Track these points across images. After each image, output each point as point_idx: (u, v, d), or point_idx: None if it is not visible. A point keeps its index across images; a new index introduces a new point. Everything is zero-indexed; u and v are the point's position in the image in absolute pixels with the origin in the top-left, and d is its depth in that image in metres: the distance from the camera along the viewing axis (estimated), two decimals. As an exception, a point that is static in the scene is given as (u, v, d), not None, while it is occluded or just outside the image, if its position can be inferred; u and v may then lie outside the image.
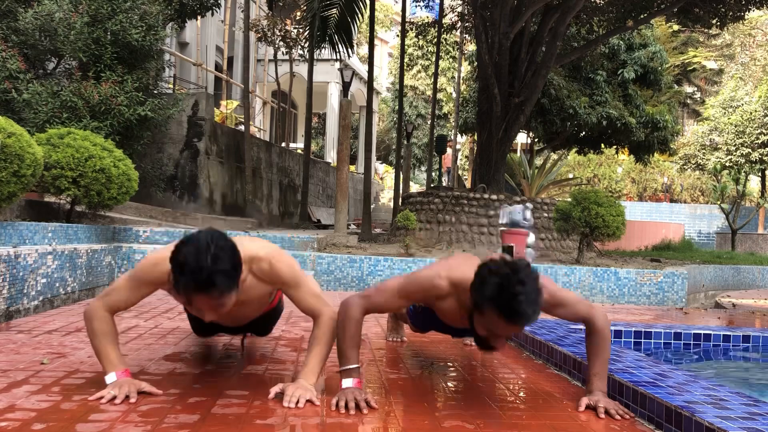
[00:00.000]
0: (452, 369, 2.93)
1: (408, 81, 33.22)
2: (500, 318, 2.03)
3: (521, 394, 2.55)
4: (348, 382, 2.26)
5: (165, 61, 10.21)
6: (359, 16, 14.18)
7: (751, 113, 23.57)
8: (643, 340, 3.67)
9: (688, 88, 35.52)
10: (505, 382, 2.73)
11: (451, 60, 32.20)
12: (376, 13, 22.90)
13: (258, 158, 13.93)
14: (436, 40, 17.06)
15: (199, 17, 12.72)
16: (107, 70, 7.85)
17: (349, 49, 14.70)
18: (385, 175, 32.55)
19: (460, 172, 29.06)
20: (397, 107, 24.29)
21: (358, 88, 23.23)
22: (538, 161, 19.39)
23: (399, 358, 3.11)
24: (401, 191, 14.52)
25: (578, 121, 15.62)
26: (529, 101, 11.08)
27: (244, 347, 3.21)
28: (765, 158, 23.16)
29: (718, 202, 17.00)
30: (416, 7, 31.66)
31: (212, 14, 12.37)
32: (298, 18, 17.04)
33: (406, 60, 27.11)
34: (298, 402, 2.18)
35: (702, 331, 3.70)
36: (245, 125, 12.92)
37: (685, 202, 30.02)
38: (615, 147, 18.48)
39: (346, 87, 12.72)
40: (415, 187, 28.60)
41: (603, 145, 18.14)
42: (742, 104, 24.78)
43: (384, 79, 41.30)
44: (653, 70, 16.81)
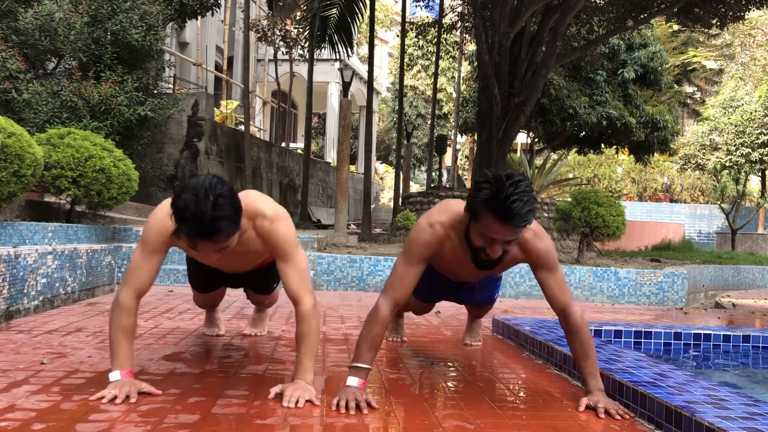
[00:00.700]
0: (452, 369, 2.93)
1: (408, 81, 33.23)
2: (495, 219, 2.07)
3: (521, 394, 2.55)
4: (353, 381, 2.25)
5: (165, 61, 10.21)
6: (359, 16, 14.18)
7: (751, 113, 23.56)
8: (643, 340, 3.67)
9: (688, 88, 35.53)
10: (505, 382, 2.73)
11: (451, 60, 32.20)
12: (376, 13, 22.90)
13: (258, 158, 13.93)
14: (436, 40, 17.07)
15: (199, 17, 12.72)
16: (107, 70, 7.85)
17: (349, 49, 14.70)
18: (385, 175, 32.55)
19: (460, 172, 29.06)
20: (397, 107, 24.29)
21: (358, 88, 23.23)
22: (538, 161, 19.40)
23: (399, 358, 3.11)
24: (401, 191, 14.52)
25: (578, 121, 15.62)
26: (529, 101, 11.08)
27: (247, 296, 3.31)
28: (765, 158, 23.16)
29: (718, 202, 17.00)
30: (416, 7, 31.68)
31: (212, 14, 12.37)
32: (298, 18, 17.04)
33: (406, 60, 27.11)
34: (297, 402, 2.18)
35: (702, 331, 3.70)
36: (245, 125, 12.93)
37: (685, 202, 30.02)
38: (615, 147, 18.47)
39: (346, 87, 12.72)
40: (415, 187, 28.60)
41: (603, 145, 18.14)
42: (742, 104, 24.77)
43: (384, 79, 41.30)
44: (653, 70, 16.81)
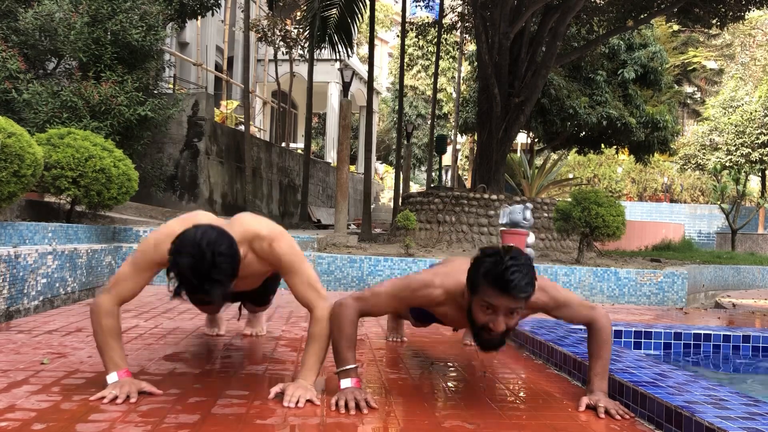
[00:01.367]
0: (452, 369, 2.93)
1: (408, 81, 33.23)
2: (495, 290, 2.06)
3: (521, 394, 2.55)
4: (347, 383, 2.26)
5: (165, 61, 10.22)
6: (359, 16, 14.17)
7: (751, 113, 23.56)
8: (643, 340, 3.67)
9: (688, 88, 35.53)
10: (505, 382, 2.73)
11: (451, 60, 32.20)
12: (376, 13, 22.90)
13: (258, 158, 13.93)
14: (436, 40, 17.06)
15: (199, 17, 12.71)
16: (107, 70, 7.85)
17: (349, 49, 14.70)
18: (385, 175, 32.55)
19: (460, 172, 29.06)
20: (397, 107, 24.29)
21: (358, 88, 23.23)
22: (538, 161, 19.40)
23: (399, 358, 3.11)
24: (401, 191, 14.52)
25: (578, 121, 15.62)
26: (529, 101, 11.08)
27: (240, 313, 3.29)
28: (765, 158, 23.15)
29: (718, 202, 16.99)
30: (416, 7, 31.65)
31: (212, 14, 12.37)
32: (298, 18, 17.04)
33: (406, 60, 27.10)
34: (298, 402, 2.18)
35: (702, 332, 3.70)
36: (245, 125, 12.92)
37: (685, 202, 30.02)
38: (615, 147, 18.48)
39: (346, 87, 12.72)
40: (415, 187, 28.60)
41: (603, 145, 18.14)
42: (742, 104, 24.77)
43: (384, 79, 41.30)
44: (653, 70, 16.81)
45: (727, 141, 24.10)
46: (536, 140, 19.22)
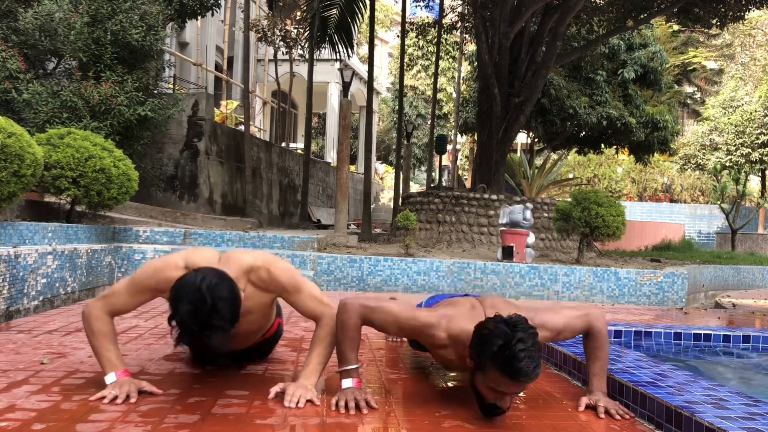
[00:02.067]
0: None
1: (408, 81, 33.22)
2: (504, 377, 2.02)
3: (521, 394, 2.54)
4: (348, 383, 2.26)
5: (165, 61, 10.21)
6: (359, 16, 14.16)
7: (751, 113, 23.56)
8: (643, 340, 3.67)
9: (688, 88, 35.53)
10: (505, 382, 2.72)
11: (451, 60, 32.20)
12: (376, 13, 22.91)
13: (258, 158, 13.93)
14: (436, 40, 17.05)
15: (199, 17, 12.71)
16: (107, 70, 7.85)
17: (349, 49, 14.69)
18: (385, 175, 32.55)
19: (460, 172, 29.06)
20: (397, 107, 24.29)
21: (358, 88, 23.23)
22: (538, 161, 19.40)
23: (399, 358, 3.11)
24: (401, 191, 14.52)
25: (578, 121, 15.62)
26: (529, 101, 11.08)
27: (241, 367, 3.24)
28: (765, 158, 23.15)
29: (718, 202, 16.99)
30: (416, 7, 31.67)
31: (212, 14, 12.36)
32: (298, 18, 17.04)
33: (406, 60, 27.10)
34: (298, 402, 2.18)
35: (702, 331, 3.70)
36: (245, 125, 12.92)
37: (685, 202, 30.02)
38: (615, 147, 18.48)
39: (346, 87, 12.71)
40: (415, 187, 28.60)
41: (603, 145, 18.14)
42: (742, 104, 24.77)
43: (384, 79, 41.30)
44: (653, 70, 16.81)
45: (727, 141, 24.10)
46: (536, 140, 19.22)
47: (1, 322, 3.61)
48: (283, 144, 19.39)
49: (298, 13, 17.01)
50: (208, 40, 17.55)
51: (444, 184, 22.78)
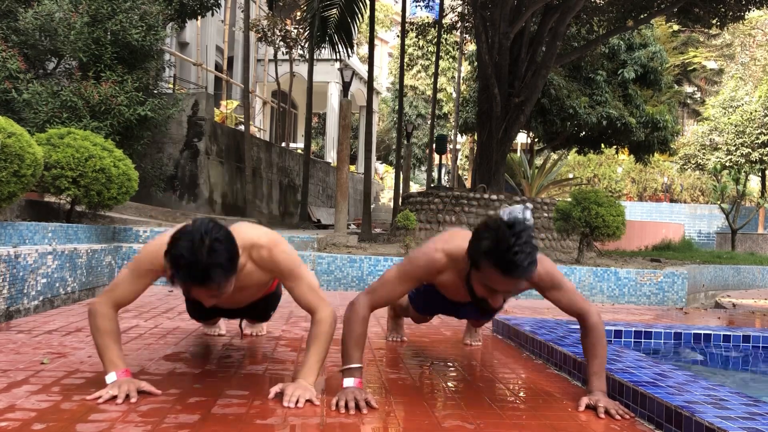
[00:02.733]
0: (452, 369, 2.93)
1: (408, 81, 33.22)
2: (497, 271, 2.03)
3: (521, 394, 2.54)
4: (349, 382, 2.26)
5: (165, 61, 10.22)
6: (359, 16, 14.17)
7: (751, 113, 23.57)
8: (643, 340, 3.67)
9: (688, 88, 35.54)
10: (505, 382, 2.73)
11: (451, 60, 32.20)
12: (376, 13, 22.89)
13: (258, 158, 13.93)
14: (436, 40, 17.06)
15: (199, 17, 12.72)
16: (107, 70, 7.85)
17: (349, 49, 14.69)
18: (385, 175, 32.56)
19: (460, 172, 29.06)
20: (397, 107, 24.29)
21: (358, 88, 23.23)
22: (538, 161, 19.40)
23: (399, 358, 3.11)
24: (401, 191, 14.52)
25: (578, 121, 15.62)
26: (529, 101, 11.09)
27: (242, 330, 3.30)
28: (765, 158, 23.16)
29: (718, 202, 16.99)
30: (416, 7, 31.67)
31: (212, 14, 12.37)
32: (298, 18, 17.05)
33: (406, 60, 27.09)
34: (297, 402, 2.18)
35: (702, 331, 3.70)
36: (245, 125, 12.92)
37: (685, 202, 30.03)
38: (615, 147, 18.49)
39: (346, 87, 12.71)
40: (415, 187, 28.60)
41: (603, 145, 18.15)
42: (742, 104, 24.77)
43: (384, 79, 41.30)
44: (653, 70, 16.82)
45: (727, 141, 24.10)
46: (536, 140, 19.23)
47: (1, 322, 3.61)
48: (283, 144, 19.39)
49: (298, 13, 17.01)
50: (208, 40, 17.55)
51: (444, 184, 22.77)
